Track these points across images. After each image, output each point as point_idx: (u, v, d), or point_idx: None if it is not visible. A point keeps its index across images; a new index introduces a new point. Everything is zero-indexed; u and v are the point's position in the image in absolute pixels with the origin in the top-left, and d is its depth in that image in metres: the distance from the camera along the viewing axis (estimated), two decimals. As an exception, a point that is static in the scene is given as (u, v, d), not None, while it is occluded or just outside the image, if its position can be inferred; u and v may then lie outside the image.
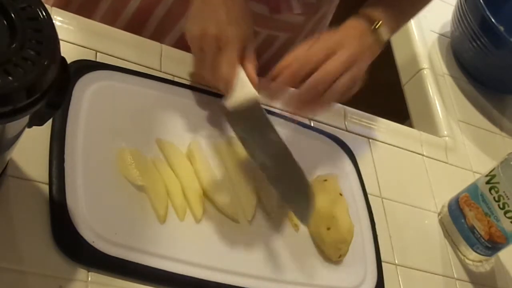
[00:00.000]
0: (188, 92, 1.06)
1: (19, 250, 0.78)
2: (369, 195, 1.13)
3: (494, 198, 1.11)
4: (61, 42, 0.67)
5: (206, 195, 0.95)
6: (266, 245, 0.97)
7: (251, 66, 0.96)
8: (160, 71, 1.07)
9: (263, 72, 1.03)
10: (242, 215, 0.96)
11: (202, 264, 0.89)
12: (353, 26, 1.03)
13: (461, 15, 1.52)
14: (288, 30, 1.18)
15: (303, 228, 1.02)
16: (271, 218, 0.99)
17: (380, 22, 1.03)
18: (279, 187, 0.97)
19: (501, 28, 1.45)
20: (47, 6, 0.71)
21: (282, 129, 1.11)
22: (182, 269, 0.87)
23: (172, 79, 1.07)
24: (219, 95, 1.08)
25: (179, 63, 1.09)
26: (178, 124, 1.01)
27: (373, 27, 1.03)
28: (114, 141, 0.93)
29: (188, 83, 1.07)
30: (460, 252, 1.18)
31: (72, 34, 1.00)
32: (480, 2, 1.44)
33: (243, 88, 0.92)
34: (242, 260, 0.93)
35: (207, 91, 1.07)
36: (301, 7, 1.12)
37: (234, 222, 0.95)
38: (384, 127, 1.29)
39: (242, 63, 0.95)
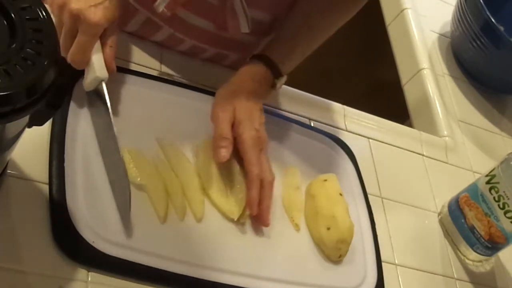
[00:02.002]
0: (188, 92, 1.06)
1: (19, 250, 0.78)
2: (369, 195, 1.13)
3: (494, 198, 1.11)
4: (61, 42, 0.68)
5: (206, 195, 0.95)
6: (266, 245, 0.97)
7: (110, 50, 0.93)
8: (160, 71, 1.07)
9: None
10: (241, 216, 0.96)
11: (202, 264, 0.89)
12: (252, 77, 1.04)
13: (461, 15, 1.52)
14: (238, 50, 1.16)
15: (303, 228, 1.02)
16: (271, 218, 0.99)
17: (283, 77, 1.06)
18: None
19: (501, 28, 1.45)
20: (47, 6, 0.71)
21: (282, 129, 1.12)
22: (182, 269, 0.87)
23: (171, 79, 1.07)
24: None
25: (179, 64, 1.09)
26: (179, 123, 1.01)
27: (275, 79, 1.05)
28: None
29: (188, 83, 1.07)
30: (460, 252, 1.18)
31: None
32: (480, 2, 1.44)
33: (95, 69, 0.90)
34: (242, 260, 0.93)
35: (208, 91, 1.07)
36: (250, 26, 1.07)
37: (234, 222, 0.95)
38: (384, 127, 1.29)
39: (102, 45, 0.92)
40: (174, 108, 1.03)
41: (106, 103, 0.91)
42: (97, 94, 0.93)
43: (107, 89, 0.92)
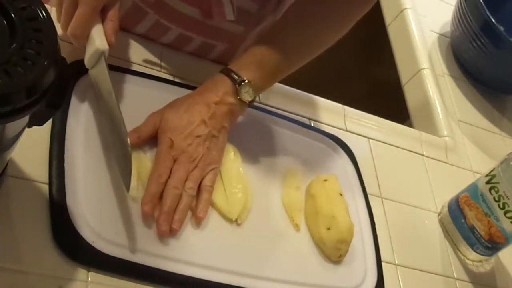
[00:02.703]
0: (189, 92, 1.06)
1: (19, 249, 0.78)
2: (369, 195, 1.13)
3: (494, 198, 1.11)
4: (61, 42, 0.67)
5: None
6: (266, 245, 0.97)
7: (111, 24, 0.92)
8: (161, 71, 1.07)
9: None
10: (240, 216, 0.96)
11: (202, 264, 0.89)
12: (214, 87, 0.99)
13: (461, 15, 1.52)
14: (225, 40, 1.14)
15: (303, 228, 1.02)
16: (270, 218, 0.99)
17: (245, 82, 0.98)
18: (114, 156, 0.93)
19: (501, 28, 1.45)
20: (47, 6, 0.71)
21: (282, 129, 1.12)
22: (182, 269, 0.87)
23: (172, 79, 1.07)
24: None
25: (179, 63, 1.09)
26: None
27: (237, 86, 0.98)
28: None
29: (189, 83, 1.07)
30: (460, 252, 1.18)
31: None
32: (480, 2, 1.44)
33: (94, 42, 0.90)
34: (242, 260, 0.93)
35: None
36: (236, 15, 1.06)
37: (233, 222, 0.95)
38: (384, 127, 1.29)
39: (103, 20, 0.92)
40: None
41: (107, 78, 0.90)
42: (94, 66, 0.92)
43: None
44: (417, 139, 1.32)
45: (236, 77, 0.99)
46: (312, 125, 1.18)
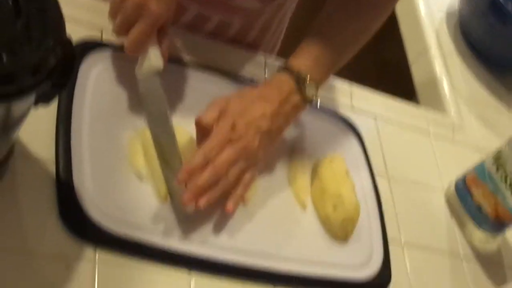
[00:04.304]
0: (195, 73, 1.05)
1: (26, 229, 0.79)
2: (375, 174, 1.13)
3: (501, 177, 1.11)
4: (66, 21, 0.67)
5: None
6: (272, 225, 0.97)
7: (166, 43, 0.94)
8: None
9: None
10: (246, 195, 0.96)
11: (207, 242, 0.89)
12: (278, 86, 0.99)
13: (469, -8, 1.51)
14: (242, 16, 1.14)
15: (310, 207, 1.02)
16: (277, 197, 0.99)
17: (308, 79, 0.99)
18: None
19: (509, 6, 1.44)
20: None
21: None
22: (189, 248, 0.87)
23: (178, 59, 1.06)
24: (229, 76, 1.08)
25: (185, 44, 1.08)
26: (186, 105, 1.01)
27: (300, 84, 0.99)
28: (120, 120, 0.93)
29: (195, 64, 1.07)
30: (467, 231, 1.18)
31: (78, 13, 1.00)
32: (488, -20, 1.43)
33: (150, 59, 0.92)
34: (248, 239, 0.93)
35: (216, 72, 1.07)
36: None
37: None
38: (391, 106, 1.29)
39: (158, 38, 0.94)
40: (181, 89, 1.02)
41: (161, 92, 0.92)
42: (148, 80, 0.94)
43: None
44: (424, 118, 1.32)
45: (299, 75, 0.99)
46: (318, 104, 1.17)
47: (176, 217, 0.89)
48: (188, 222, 0.89)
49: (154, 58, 0.92)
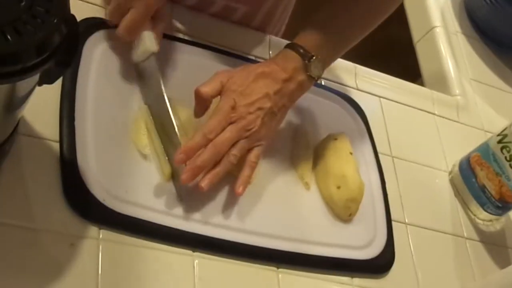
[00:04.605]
0: (199, 50, 1.05)
1: (30, 207, 0.79)
2: (379, 154, 1.13)
3: (505, 157, 1.11)
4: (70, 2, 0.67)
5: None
6: (275, 204, 0.97)
7: (161, 25, 0.95)
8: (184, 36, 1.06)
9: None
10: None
11: (211, 221, 0.89)
12: (283, 63, 0.98)
13: (474, -29, 1.50)
14: (247, 2, 1.12)
15: (313, 187, 1.02)
16: (280, 177, 0.99)
17: (314, 58, 0.97)
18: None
19: (515, -15, 1.44)
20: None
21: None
22: (192, 227, 0.87)
23: (182, 37, 1.06)
24: (231, 54, 1.07)
25: (189, 22, 1.08)
26: (189, 83, 1.01)
27: (307, 62, 0.97)
28: (123, 99, 0.93)
29: (199, 42, 1.06)
30: (471, 212, 1.18)
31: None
32: (494, -41, 1.42)
33: (146, 43, 0.93)
34: (252, 218, 0.93)
35: (220, 50, 1.07)
36: None
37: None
38: (395, 86, 1.29)
39: (153, 21, 0.94)
40: (185, 67, 1.02)
41: (157, 74, 0.94)
42: (146, 64, 0.95)
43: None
44: (429, 98, 1.32)
45: (305, 52, 0.98)
46: (323, 83, 1.17)
47: (179, 196, 0.89)
48: (192, 201, 0.89)
49: (148, 42, 0.93)
